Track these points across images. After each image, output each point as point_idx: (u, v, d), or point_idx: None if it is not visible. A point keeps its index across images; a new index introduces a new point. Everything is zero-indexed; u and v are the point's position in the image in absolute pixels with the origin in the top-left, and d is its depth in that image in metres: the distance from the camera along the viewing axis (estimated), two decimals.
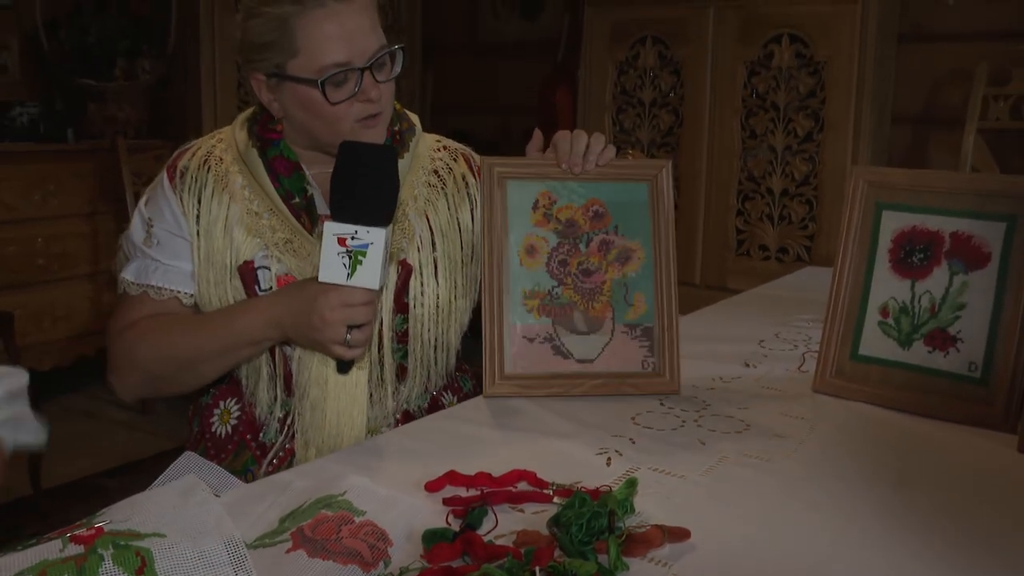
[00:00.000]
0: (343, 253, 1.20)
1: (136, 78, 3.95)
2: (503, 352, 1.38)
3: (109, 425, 3.50)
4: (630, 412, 1.33)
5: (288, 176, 1.40)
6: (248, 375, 1.44)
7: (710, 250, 3.64)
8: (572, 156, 1.43)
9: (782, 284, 2.43)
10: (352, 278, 1.21)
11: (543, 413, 1.32)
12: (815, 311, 1.90)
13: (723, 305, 2.13)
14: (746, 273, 3.51)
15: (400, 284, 1.42)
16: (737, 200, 3.57)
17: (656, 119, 3.74)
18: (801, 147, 3.42)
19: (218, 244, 1.39)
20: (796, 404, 1.39)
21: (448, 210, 1.48)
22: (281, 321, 1.30)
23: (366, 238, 1.20)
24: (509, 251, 1.41)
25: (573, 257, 1.43)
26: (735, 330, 1.83)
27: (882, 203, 1.42)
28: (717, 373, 1.54)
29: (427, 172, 1.49)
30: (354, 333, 1.25)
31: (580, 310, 1.42)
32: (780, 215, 3.49)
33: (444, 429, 1.28)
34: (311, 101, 1.33)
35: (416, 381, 1.47)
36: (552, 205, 1.43)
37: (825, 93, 3.35)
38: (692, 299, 2.96)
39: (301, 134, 1.40)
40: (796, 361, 1.62)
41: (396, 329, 1.43)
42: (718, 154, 3.58)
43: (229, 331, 1.33)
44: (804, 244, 3.45)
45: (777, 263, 3.48)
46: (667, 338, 1.43)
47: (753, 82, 3.49)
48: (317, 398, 1.39)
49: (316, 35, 1.29)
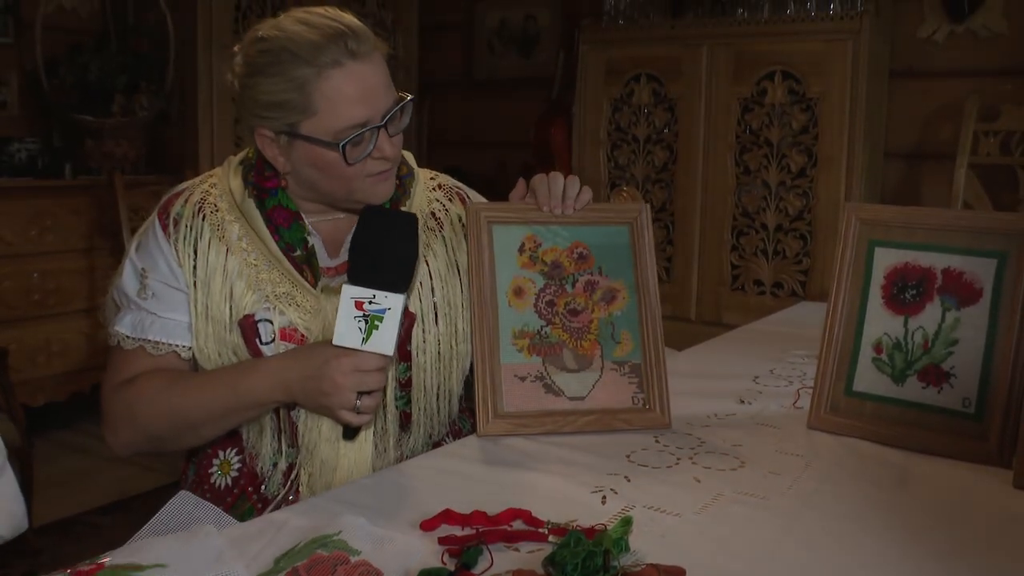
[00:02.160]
0: (360, 317, 1.19)
1: (134, 114, 3.97)
2: (496, 391, 1.38)
3: (103, 462, 3.47)
4: (625, 449, 1.33)
5: (287, 227, 1.36)
6: (250, 427, 1.40)
7: (705, 285, 3.65)
8: (552, 198, 1.44)
9: (777, 319, 2.43)
10: (367, 343, 1.19)
11: (537, 451, 1.32)
12: (810, 346, 1.90)
13: (718, 341, 2.13)
14: (741, 308, 3.51)
15: (404, 333, 1.38)
16: (732, 235, 3.58)
17: (650, 155, 3.76)
18: (795, 183, 3.44)
19: (216, 297, 1.34)
20: (791, 440, 1.39)
21: (447, 253, 1.46)
22: (289, 385, 1.27)
23: (384, 303, 1.19)
24: (497, 293, 1.42)
25: (560, 297, 1.44)
26: (730, 366, 1.83)
27: (875, 240, 1.43)
28: (712, 410, 1.53)
29: (424, 215, 1.47)
30: (364, 399, 1.23)
31: (569, 348, 1.42)
32: (774, 250, 3.50)
33: (439, 467, 1.27)
34: (326, 162, 1.29)
35: (420, 430, 1.44)
36: (537, 248, 1.44)
37: (818, 129, 3.37)
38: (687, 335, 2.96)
39: (307, 189, 1.36)
40: (791, 397, 1.61)
41: (399, 377, 1.40)
42: (712, 190, 3.59)
43: (234, 392, 1.30)
44: (799, 279, 3.46)
45: (772, 298, 3.49)
46: (655, 373, 1.43)
47: (746, 118, 3.51)
48: (329, 456, 1.36)
49: (336, 97, 1.25)
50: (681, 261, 3.68)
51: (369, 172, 1.32)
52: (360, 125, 1.27)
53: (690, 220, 3.65)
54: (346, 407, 1.23)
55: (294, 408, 1.35)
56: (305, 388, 1.25)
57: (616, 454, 1.31)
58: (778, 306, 3.06)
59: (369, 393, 1.23)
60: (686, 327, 3.55)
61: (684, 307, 3.67)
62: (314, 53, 1.25)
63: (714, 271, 3.62)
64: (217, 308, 1.34)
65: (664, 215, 3.69)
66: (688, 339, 2.21)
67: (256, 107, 1.30)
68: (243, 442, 1.41)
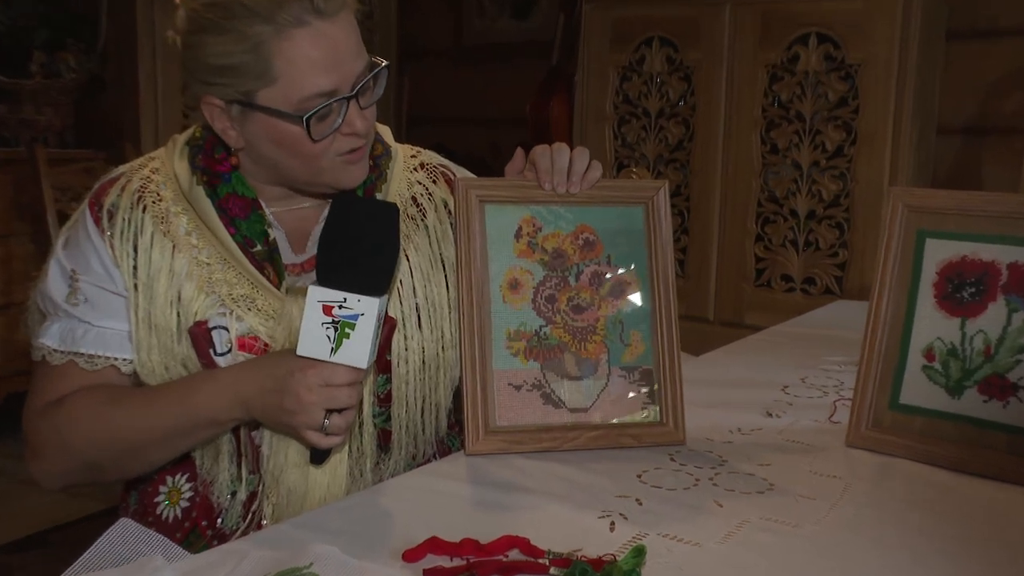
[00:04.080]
0: (328, 324, 1.18)
1: (59, 76, 3.92)
2: (487, 403, 1.38)
3: (16, 485, 3.38)
4: (635, 468, 1.33)
5: (245, 218, 1.34)
6: (204, 450, 1.38)
7: (725, 281, 3.65)
8: (555, 173, 1.42)
9: (809, 320, 2.44)
10: (336, 353, 1.18)
11: (536, 470, 1.32)
12: (848, 352, 1.91)
13: (741, 345, 2.13)
14: (766, 307, 3.52)
15: (382, 341, 1.37)
16: (756, 224, 3.59)
17: (663, 132, 3.76)
18: (830, 163, 3.44)
19: (161, 302, 1.33)
20: (827, 460, 1.39)
21: (430, 246, 1.46)
22: (248, 400, 1.25)
23: (356, 308, 1.17)
24: (490, 286, 1.41)
25: (562, 292, 1.44)
26: (755, 374, 1.84)
27: (925, 230, 1.43)
28: (735, 423, 1.54)
29: (404, 201, 1.46)
30: (334, 418, 1.21)
31: (571, 352, 1.42)
32: (806, 241, 3.50)
33: (423, 488, 1.27)
34: (286, 137, 1.27)
35: (402, 451, 1.44)
36: (537, 233, 1.44)
37: (859, 101, 3.37)
38: (705, 337, 2.97)
39: (265, 169, 1.35)
40: (826, 410, 1.62)
41: (377, 391, 1.40)
42: (735, 171, 3.60)
43: (184, 410, 1.28)
44: (834, 274, 3.46)
45: (803, 296, 3.49)
46: (669, 381, 1.44)
47: (775, 89, 3.51)
48: (297, 483, 1.35)
49: (298, 61, 1.23)
50: (698, 253, 3.68)
51: (338, 151, 1.31)
52: (326, 95, 1.25)
53: (708, 206, 3.65)
54: (313, 427, 1.22)
55: (256, 427, 1.35)
56: (266, 405, 1.24)
57: (625, 474, 1.31)
58: (810, 305, 3.07)
59: (340, 411, 1.22)
60: (702, 328, 3.56)
61: (700, 305, 3.67)
62: (273, 8, 1.22)
63: (735, 264, 3.63)
64: (162, 314, 1.33)
65: (679, 200, 3.70)
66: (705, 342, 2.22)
67: (202, 71, 1.27)
68: (196, 467, 1.40)
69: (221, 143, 1.36)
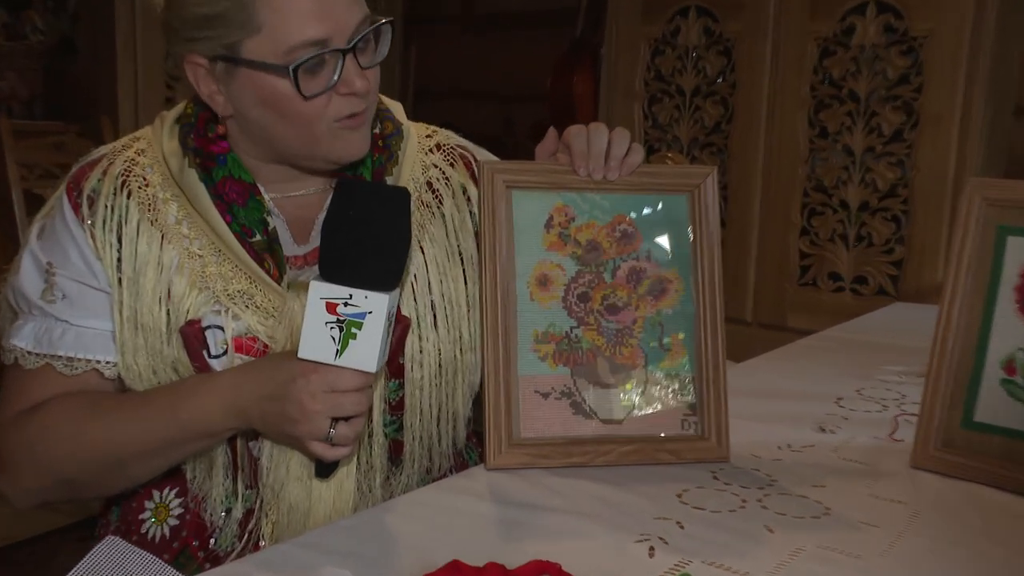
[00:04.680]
0: (332, 323, 1.17)
1: (23, 38, 3.92)
2: (511, 412, 1.38)
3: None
4: (675, 487, 1.33)
5: (243, 204, 1.34)
6: (196, 461, 1.38)
7: (765, 279, 3.66)
8: (592, 158, 1.41)
9: (863, 325, 2.45)
10: (342, 356, 1.18)
11: (564, 487, 1.32)
12: (909, 361, 1.90)
13: (786, 351, 2.14)
14: (811, 309, 3.52)
15: (395, 342, 1.37)
16: (802, 216, 3.58)
17: (699, 112, 3.76)
18: (887, 148, 3.43)
19: (148, 299, 1.32)
20: (890, 483, 1.38)
21: (447, 237, 1.46)
22: (245, 408, 1.25)
23: (363, 305, 1.17)
24: (516, 282, 1.41)
25: (596, 289, 1.43)
26: (804, 384, 1.84)
27: (1007, 227, 1.41)
28: (783, 439, 1.54)
29: (419, 186, 1.46)
30: (340, 427, 1.21)
31: (605, 356, 1.42)
32: (857, 235, 3.50)
33: (443, 505, 1.27)
34: (275, 95, 1.27)
35: (415, 464, 1.45)
36: (570, 223, 1.44)
37: (923, 78, 3.34)
38: (743, 341, 2.96)
39: (256, 141, 1.35)
40: (886, 426, 1.62)
41: (389, 398, 1.40)
42: (778, 157, 3.60)
43: (173, 419, 1.27)
44: (888, 273, 3.45)
45: (853, 296, 3.49)
46: (712, 392, 1.43)
47: (826, 65, 3.51)
48: (299, 499, 1.35)
49: (283, 7, 1.23)
50: (735, 247, 3.68)
51: (335, 115, 1.30)
52: (316, 44, 1.25)
53: (748, 196, 3.65)
54: (317, 437, 1.21)
55: (255, 437, 1.35)
56: (265, 413, 1.23)
57: (664, 493, 1.31)
58: (860, 307, 3.06)
59: (347, 420, 1.22)
60: (739, 331, 3.55)
61: (737, 305, 3.67)
62: None
63: (777, 261, 3.63)
64: (150, 313, 1.33)
65: None
66: (741, 346, 2.21)
67: (183, 26, 1.28)
68: (187, 480, 1.40)
69: (216, 119, 1.35)
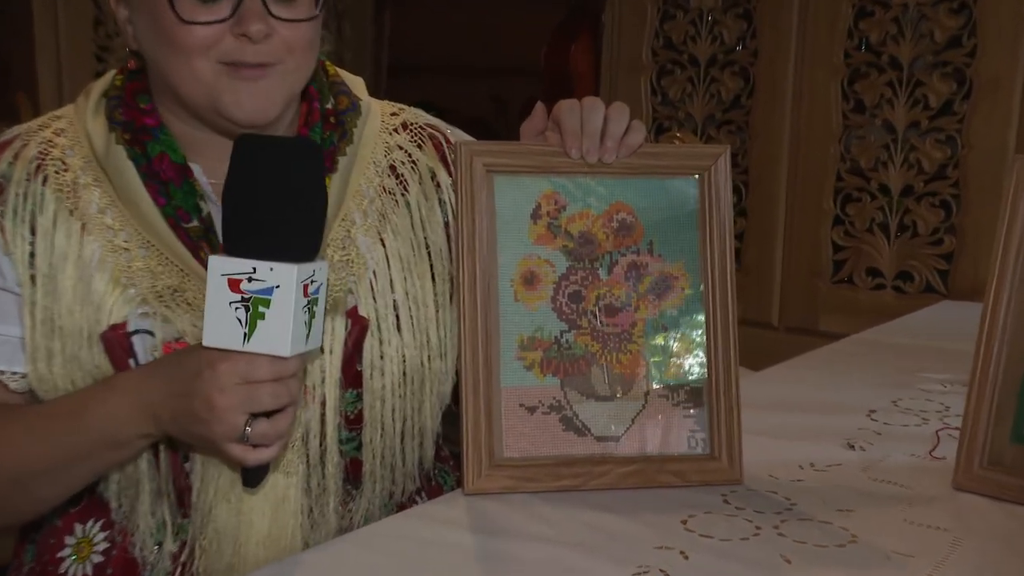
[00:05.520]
0: (237, 303, 1.16)
1: None
2: (492, 430, 1.38)
3: None
4: (679, 513, 1.33)
5: (180, 185, 1.35)
6: (121, 488, 1.38)
7: (794, 276, 3.65)
8: (586, 137, 1.42)
9: (904, 326, 2.45)
10: (250, 340, 1.17)
11: (555, 515, 1.32)
12: (956, 368, 1.91)
13: (813, 357, 2.14)
14: (847, 309, 3.52)
15: (351, 346, 1.39)
16: (835, 203, 3.58)
17: (715, 85, 3.77)
18: (934, 123, 3.42)
19: (67, 299, 1.32)
20: (928, 507, 1.39)
21: (413, 228, 1.47)
22: (155, 410, 1.24)
23: (269, 279, 1.15)
24: (498, 281, 1.42)
25: (591, 288, 1.44)
26: (832, 394, 1.85)
27: None
28: (806, 457, 1.55)
29: (380, 170, 1.47)
30: (258, 424, 1.20)
31: (601, 365, 1.43)
32: (900, 224, 3.50)
33: (411, 536, 1.27)
34: (161, 19, 1.27)
35: (376, 487, 1.45)
36: (560, 212, 1.44)
37: (976, 41, 3.33)
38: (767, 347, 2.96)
39: (163, 87, 1.35)
40: (926, 442, 1.63)
41: (345, 411, 1.40)
42: (808, 136, 3.60)
43: (76, 427, 1.28)
44: (937, 267, 3.44)
45: (895, 295, 3.49)
46: (724, 404, 1.44)
47: (862, 28, 3.51)
48: (227, 524, 1.35)
49: None
50: (758, 240, 3.69)
51: (220, 55, 1.29)
52: None
53: (773, 180, 3.65)
54: (232, 437, 1.20)
55: (187, 458, 1.34)
56: (176, 413, 1.23)
57: (667, 520, 1.32)
58: (904, 307, 3.07)
59: (268, 415, 1.21)
60: (764, 336, 3.56)
61: (761, 307, 3.68)
62: None
63: (807, 255, 3.63)
64: (68, 314, 1.33)
65: (735, 173, 3.68)
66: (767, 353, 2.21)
67: None
68: (111, 511, 1.40)
69: (144, 90, 1.37)
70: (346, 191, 1.43)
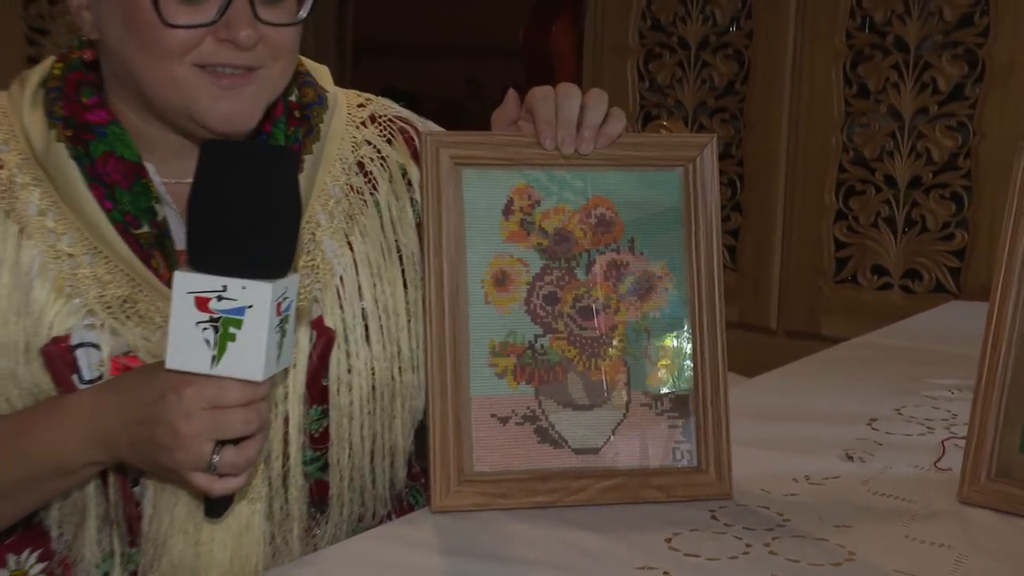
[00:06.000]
0: (205, 323, 1.15)
1: None
2: (461, 442, 1.39)
3: None
4: (664, 531, 1.33)
5: (127, 187, 1.33)
6: (63, 515, 1.37)
7: (794, 276, 3.66)
8: (561, 126, 1.42)
9: (910, 329, 2.45)
10: (219, 363, 1.16)
11: (529, 533, 1.32)
12: (961, 372, 1.92)
13: (811, 362, 2.15)
14: (852, 311, 3.52)
15: (316, 360, 1.38)
16: (838, 197, 3.59)
17: (708, 70, 3.77)
18: (944, 109, 3.44)
19: (2, 308, 1.31)
20: (931, 522, 1.39)
21: (383, 230, 1.47)
22: (110, 437, 1.23)
23: (241, 298, 1.14)
24: (468, 282, 1.42)
25: (567, 289, 1.44)
26: (830, 402, 1.86)
27: None
28: (801, 469, 1.55)
29: (348, 167, 1.47)
30: (226, 453, 1.19)
31: (578, 372, 1.43)
32: (908, 219, 3.50)
33: (375, 559, 1.27)
34: (136, 14, 1.25)
35: (343, 511, 1.45)
36: (534, 208, 1.44)
37: (989, 19, 3.35)
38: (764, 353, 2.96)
39: (124, 82, 1.33)
40: (931, 453, 1.63)
41: (310, 429, 1.40)
42: (807, 124, 3.61)
43: (21, 454, 1.26)
44: (948, 265, 3.45)
45: (902, 295, 3.50)
46: (712, 414, 1.44)
47: (865, 7, 3.52)
48: (184, 556, 1.34)
49: None
50: (755, 237, 3.70)
51: (200, 58, 1.28)
52: None
53: (770, 173, 3.66)
54: (198, 467, 1.19)
55: (137, 482, 1.34)
56: (134, 441, 1.22)
57: (651, 538, 1.32)
58: (913, 308, 3.06)
59: (235, 443, 1.20)
60: (761, 341, 3.57)
61: (759, 309, 3.68)
62: None
63: (808, 253, 3.64)
64: (2, 326, 1.32)
65: (728, 165, 3.71)
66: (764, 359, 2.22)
67: None
68: (51, 539, 1.39)
69: (89, 82, 1.35)
70: (311, 191, 1.42)
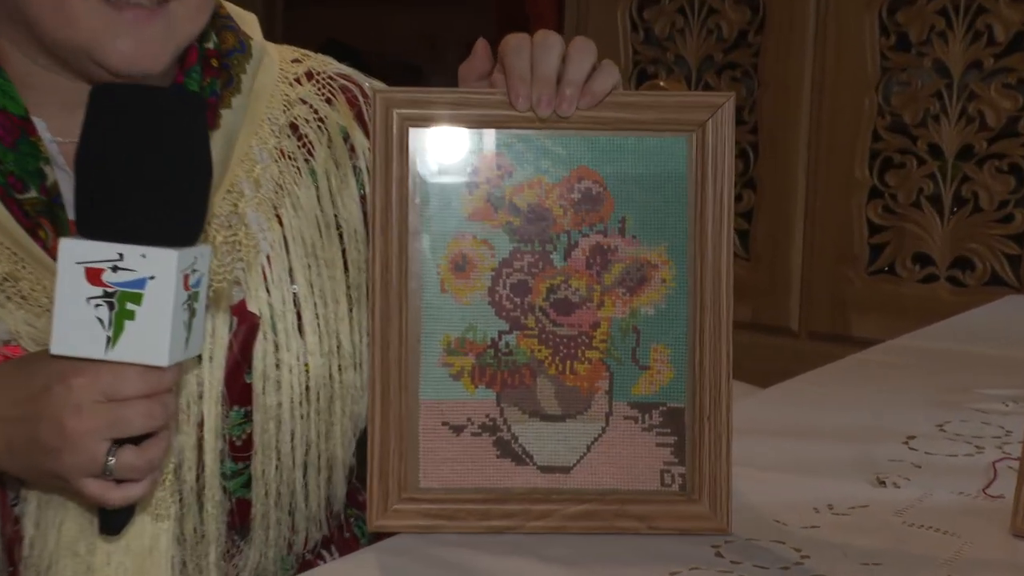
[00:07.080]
0: (98, 299, 1.14)
1: None
2: (404, 452, 1.39)
3: None
4: (660, 568, 1.33)
5: (12, 145, 1.35)
6: None
7: (819, 266, 3.68)
8: (537, 81, 1.40)
9: (957, 329, 2.46)
10: (115, 347, 1.15)
11: (484, 563, 1.32)
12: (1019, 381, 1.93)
13: (836, 369, 2.16)
14: (888, 307, 3.54)
15: (238, 351, 1.40)
16: (871, 171, 3.61)
17: (715, 18, 3.79)
18: (1001, 63, 3.45)
19: None
20: (980, 560, 1.40)
21: (319, 203, 1.49)
22: None
23: (141, 268, 1.14)
24: (421, 266, 1.42)
25: (541, 277, 1.44)
26: (858, 417, 1.86)
27: None
28: (824, 498, 1.55)
29: (278, 129, 1.49)
30: (125, 453, 1.18)
31: (549, 376, 1.44)
32: (957, 196, 3.52)
33: None
34: None
35: (269, 535, 1.46)
36: (504, 180, 1.44)
37: None
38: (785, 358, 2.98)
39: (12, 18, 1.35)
40: (979, 476, 1.63)
41: (230, 435, 1.41)
42: (833, 83, 3.62)
43: None
44: (1005, 251, 3.47)
45: (950, 288, 3.51)
46: (710, 431, 1.43)
47: None
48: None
49: None
50: (772, 220, 3.72)
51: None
52: None
53: (790, 141, 3.68)
54: (90, 471, 1.18)
55: (15, 498, 1.35)
56: (13, 443, 1.22)
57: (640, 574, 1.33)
58: (963, 304, 3.08)
59: (136, 441, 1.19)
60: (781, 344, 3.58)
61: (777, 308, 3.70)
62: None
63: (836, 238, 3.66)
64: None
65: (740, 131, 3.69)
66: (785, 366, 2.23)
67: None
68: None
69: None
70: (231, 154, 1.43)
